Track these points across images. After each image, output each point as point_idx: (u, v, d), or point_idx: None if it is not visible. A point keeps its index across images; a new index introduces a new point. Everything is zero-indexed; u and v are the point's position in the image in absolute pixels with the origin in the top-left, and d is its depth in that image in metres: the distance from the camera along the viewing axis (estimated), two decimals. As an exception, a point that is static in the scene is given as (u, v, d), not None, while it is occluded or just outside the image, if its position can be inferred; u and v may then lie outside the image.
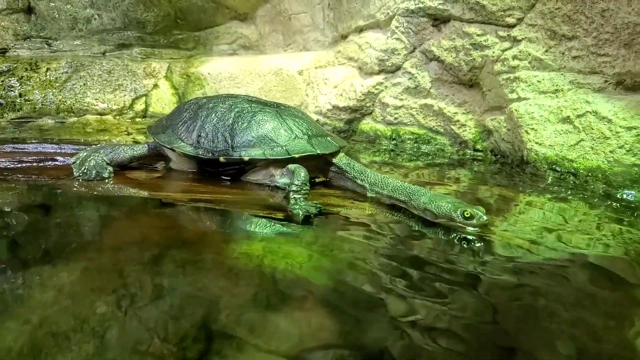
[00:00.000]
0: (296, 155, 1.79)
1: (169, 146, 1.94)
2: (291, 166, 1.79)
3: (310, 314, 0.95)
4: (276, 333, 0.86)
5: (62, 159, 2.27)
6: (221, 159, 1.84)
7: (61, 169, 2.09)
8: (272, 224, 1.50)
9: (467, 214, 1.44)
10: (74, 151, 2.33)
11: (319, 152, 1.82)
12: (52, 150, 2.48)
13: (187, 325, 0.86)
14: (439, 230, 1.50)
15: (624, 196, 2.00)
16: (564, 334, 0.91)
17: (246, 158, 1.81)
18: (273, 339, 0.84)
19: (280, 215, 1.57)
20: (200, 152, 1.87)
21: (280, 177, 1.85)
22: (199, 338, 0.83)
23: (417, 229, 1.53)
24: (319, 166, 1.92)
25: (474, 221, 1.44)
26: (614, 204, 1.90)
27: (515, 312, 1.01)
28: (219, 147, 1.86)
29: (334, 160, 1.90)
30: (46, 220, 1.49)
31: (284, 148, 1.81)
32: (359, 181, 1.84)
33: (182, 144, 1.92)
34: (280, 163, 1.84)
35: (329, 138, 1.94)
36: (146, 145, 2.11)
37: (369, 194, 1.81)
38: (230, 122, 1.89)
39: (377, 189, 1.77)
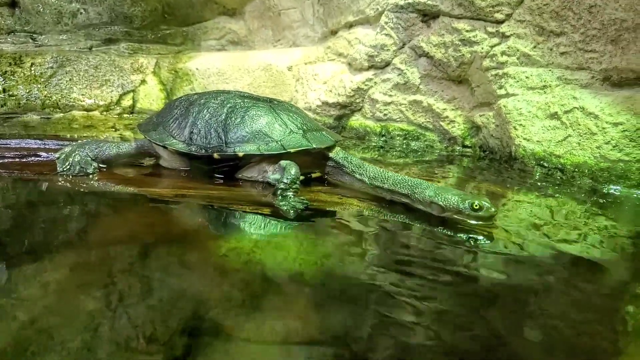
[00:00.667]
0: (292, 150, 1.78)
1: (160, 143, 1.92)
2: (283, 162, 1.77)
3: (297, 307, 0.95)
4: (264, 326, 0.87)
5: (45, 154, 2.24)
6: (215, 155, 1.82)
7: (44, 164, 2.06)
8: (259, 219, 1.49)
9: (476, 205, 1.41)
10: (58, 147, 2.30)
11: (314, 146, 1.81)
12: (36, 146, 2.45)
13: (176, 321, 0.86)
14: (425, 224, 1.50)
15: (610, 191, 2.04)
16: (547, 327, 0.93)
17: (240, 154, 1.80)
18: (261, 332, 0.85)
19: (267, 211, 1.57)
20: (193, 149, 1.85)
21: (272, 173, 1.82)
22: (187, 333, 0.83)
23: (404, 222, 1.53)
24: (314, 161, 1.91)
25: (482, 213, 1.41)
26: (600, 200, 1.93)
27: (500, 307, 1.02)
28: (212, 143, 1.84)
29: (331, 155, 1.89)
30: (30, 216, 1.46)
31: (279, 143, 1.80)
32: (357, 175, 1.80)
33: (174, 141, 1.90)
34: (274, 159, 1.83)
35: (324, 132, 1.93)
36: (134, 143, 2.08)
37: (369, 189, 1.77)
38: (223, 117, 1.87)
39: (377, 183, 1.72)
